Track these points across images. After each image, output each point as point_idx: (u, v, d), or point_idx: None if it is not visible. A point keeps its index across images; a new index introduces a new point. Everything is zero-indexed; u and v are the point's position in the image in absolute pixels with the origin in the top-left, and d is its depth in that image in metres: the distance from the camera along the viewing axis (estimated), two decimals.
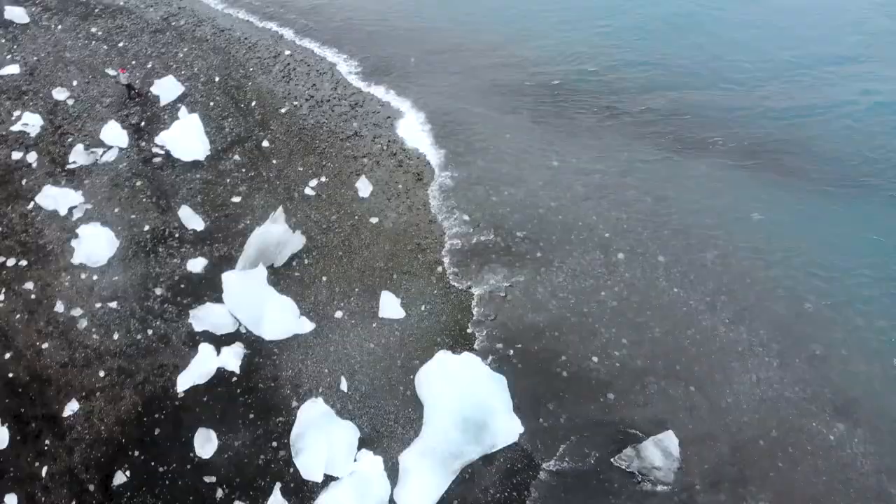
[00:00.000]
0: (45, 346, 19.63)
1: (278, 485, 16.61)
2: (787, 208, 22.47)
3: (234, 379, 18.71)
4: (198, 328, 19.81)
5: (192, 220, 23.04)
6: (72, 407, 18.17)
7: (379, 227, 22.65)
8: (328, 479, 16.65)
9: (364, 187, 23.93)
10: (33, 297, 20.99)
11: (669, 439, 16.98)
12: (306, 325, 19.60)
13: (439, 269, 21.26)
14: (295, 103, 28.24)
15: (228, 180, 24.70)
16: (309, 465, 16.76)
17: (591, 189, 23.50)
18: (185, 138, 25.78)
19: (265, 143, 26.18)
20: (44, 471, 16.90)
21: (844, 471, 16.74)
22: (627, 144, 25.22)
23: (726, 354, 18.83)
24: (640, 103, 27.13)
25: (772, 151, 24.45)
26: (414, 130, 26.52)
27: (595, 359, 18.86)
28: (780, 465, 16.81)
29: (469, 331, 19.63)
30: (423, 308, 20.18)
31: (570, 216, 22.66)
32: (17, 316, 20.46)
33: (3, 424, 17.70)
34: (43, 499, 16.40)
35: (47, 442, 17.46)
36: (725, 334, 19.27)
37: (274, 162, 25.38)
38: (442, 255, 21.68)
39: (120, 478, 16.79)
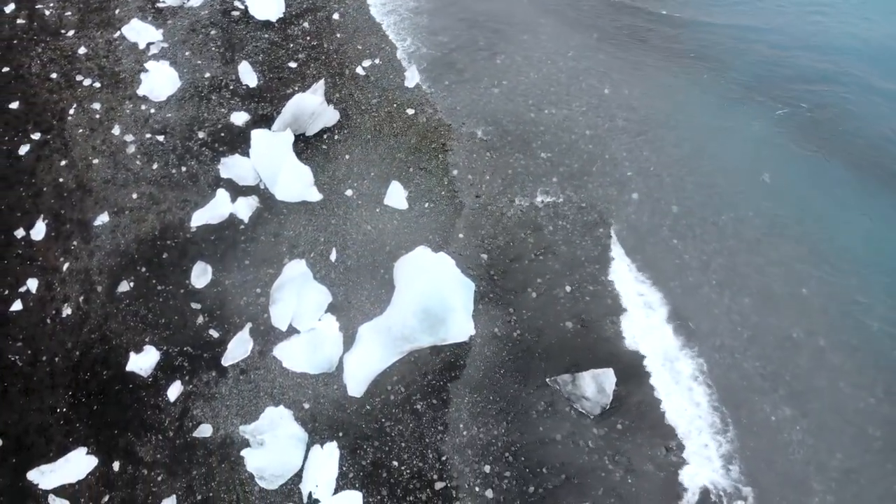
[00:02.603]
0: (95, 161, 22.76)
1: (249, 325, 19.19)
2: (834, 194, 21.53)
3: (242, 227, 21.16)
4: (224, 175, 22.25)
5: (248, 75, 25.13)
6: (103, 218, 21.30)
7: (413, 119, 23.87)
8: (292, 331, 19.03)
9: (412, 77, 25.00)
10: (97, 116, 24.07)
11: (607, 377, 18.02)
12: (315, 195, 21.56)
13: (454, 172, 22.41)
14: None
15: (291, 45, 26.45)
16: (279, 315, 19.18)
17: (631, 124, 23.48)
18: None
19: (335, 16, 27.52)
20: (65, 266, 20.26)
21: (773, 453, 17.25)
22: (690, 88, 24.63)
23: (700, 314, 19.23)
24: (732, 56, 25.61)
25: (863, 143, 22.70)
26: (481, 30, 26.88)
27: (568, 288, 19.81)
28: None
29: (461, 236, 20.94)
30: (426, 205, 21.60)
31: (600, 147, 22.93)
32: (80, 131, 23.65)
33: (43, 220, 21.11)
34: (58, 288, 19.82)
35: (75, 243, 20.75)
36: (706, 294, 19.58)
37: (338, 36, 26.79)
38: (462, 159, 22.72)
39: (124, 286, 19.91)
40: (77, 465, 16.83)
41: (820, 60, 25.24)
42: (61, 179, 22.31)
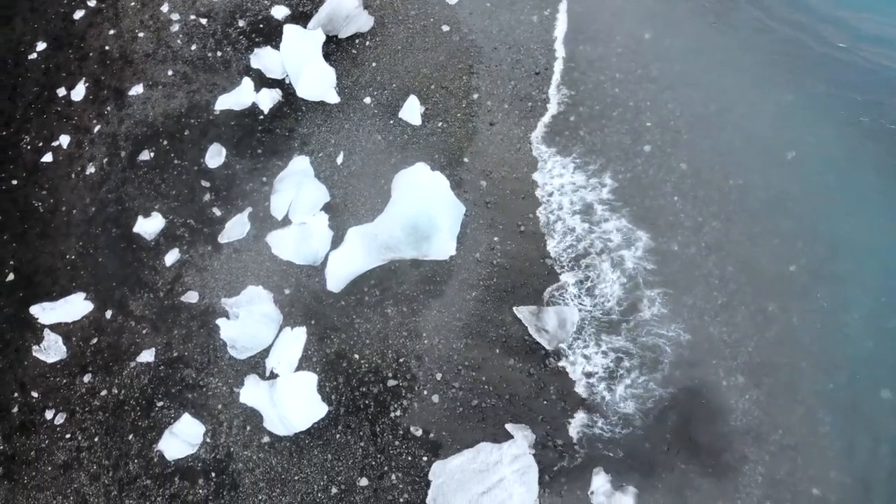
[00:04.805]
0: (140, 34, 24.48)
1: (250, 209, 20.94)
2: (854, 182, 21.09)
3: (261, 117, 22.65)
4: (254, 65, 23.64)
5: None
6: (137, 89, 23.15)
7: (446, 36, 24.43)
8: (287, 222, 20.67)
9: None
10: None
11: (571, 314, 19.08)
12: (334, 97, 22.75)
13: (475, 95, 23.08)
14: None
15: None
16: (277, 204, 20.86)
17: (664, 75, 23.41)
18: None
19: None
20: (96, 128, 22.33)
21: (715, 417, 18.11)
22: (735, 49, 24.03)
23: (680, 273, 19.81)
24: (789, 30, 24.36)
25: None
26: None
27: (558, 226, 20.61)
28: (659, 380, 18.46)
29: (466, 160, 21.82)
30: (439, 124, 22.49)
31: (625, 93, 23.08)
32: (132, 4, 25.33)
33: (84, 83, 23.12)
34: (86, 147, 21.99)
35: (108, 108, 22.74)
36: (692, 255, 20.07)
37: None
38: (485, 84, 23.30)
39: (145, 155, 21.88)
40: (75, 307, 19.27)
41: None
42: (107, 47, 24.16)
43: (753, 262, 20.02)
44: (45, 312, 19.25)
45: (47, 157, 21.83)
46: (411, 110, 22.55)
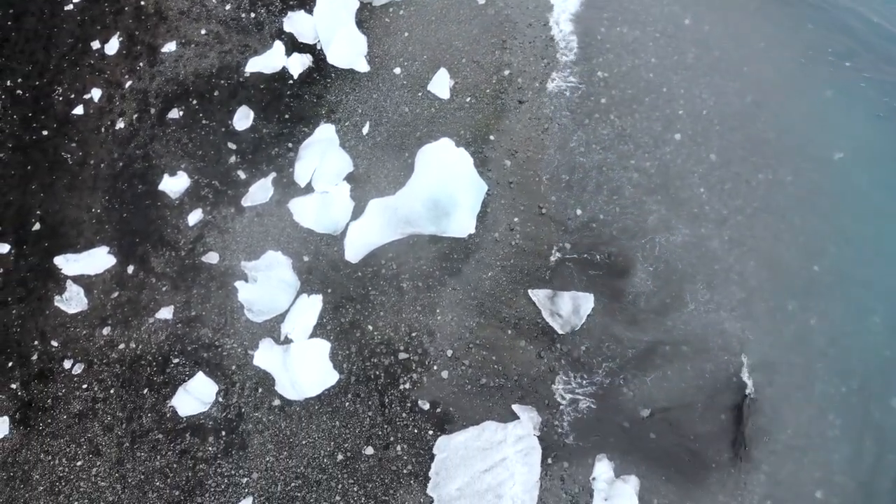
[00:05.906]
0: None
1: (274, 174, 21.16)
2: (889, 182, 20.80)
3: (290, 82, 22.72)
4: (286, 28, 23.62)
5: None
6: (170, 47, 23.32)
7: (482, 9, 24.16)
8: (309, 189, 20.86)
9: None
10: None
11: (587, 301, 19.13)
12: (364, 66, 22.72)
13: (506, 72, 22.90)
14: None
15: None
16: (301, 172, 21.04)
17: (701, 62, 22.99)
18: None
19: None
20: (128, 84, 22.61)
21: (723, 414, 18.16)
22: (781, 42, 23.39)
23: (699, 265, 19.72)
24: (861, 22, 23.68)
25: None
26: None
27: (579, 211, 20.58)
28: (669, 372, 18.53)
29: (492, 138, 21.75)
30: (467, 99, 22.38)
31: (660, 79, 22.74)
32: None
33: (118, 38, 23.36)
34: (117, 103, 22.28)
35: (141, 64, 22.96)
36: (714, 248, 19.92)
37: None
38: (518, 60, 23.10)
39: (174, 113, 22.13)
40: (98, 260, 19.77)
41: None
42: (142, 2, 24.30)
43: (776, 258, 19.83)
44: (68, 263, 19.77)
45: (78, 110, 22.17)
46: (440, 83, 22.47)
